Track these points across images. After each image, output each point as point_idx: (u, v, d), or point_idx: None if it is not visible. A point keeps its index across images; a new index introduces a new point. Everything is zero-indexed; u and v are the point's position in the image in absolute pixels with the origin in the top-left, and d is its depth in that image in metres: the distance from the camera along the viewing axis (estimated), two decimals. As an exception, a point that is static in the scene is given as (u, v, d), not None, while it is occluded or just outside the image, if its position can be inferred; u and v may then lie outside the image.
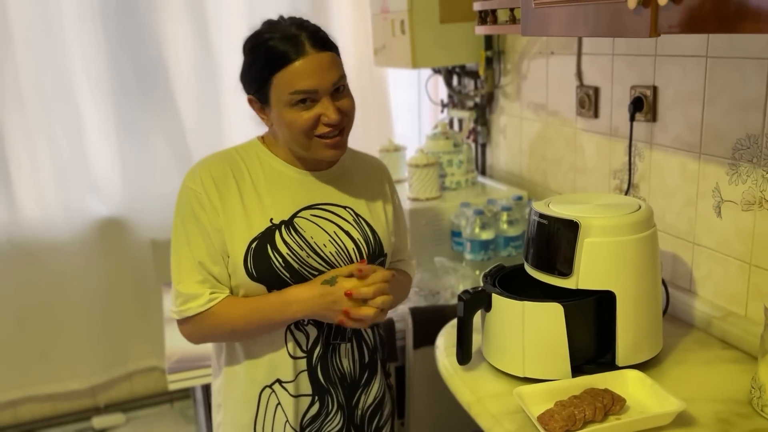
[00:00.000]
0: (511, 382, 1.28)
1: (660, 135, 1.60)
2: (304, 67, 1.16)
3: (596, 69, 1.81)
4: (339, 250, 1.27)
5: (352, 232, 1.29)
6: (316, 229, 1.26)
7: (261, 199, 1.24)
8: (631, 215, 1.27)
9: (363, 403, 1.36)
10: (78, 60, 2.52)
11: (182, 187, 1.24)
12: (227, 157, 1.27)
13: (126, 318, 2.78)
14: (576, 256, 1.25)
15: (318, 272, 1.25)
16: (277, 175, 1.27)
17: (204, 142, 2.70)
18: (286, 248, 1.23)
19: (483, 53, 2.28)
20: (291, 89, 1.16)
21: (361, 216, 1.31)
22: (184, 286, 1.22)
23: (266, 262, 1.22)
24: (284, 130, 1.21)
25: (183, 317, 1.23)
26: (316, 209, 1.27)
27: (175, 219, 1.24)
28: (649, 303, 1.30)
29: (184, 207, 1.23)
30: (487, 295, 1.31)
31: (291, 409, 1.28)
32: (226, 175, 1.24)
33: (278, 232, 1.23)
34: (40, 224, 2.59)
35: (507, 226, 1.95)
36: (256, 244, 1.22)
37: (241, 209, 1.23)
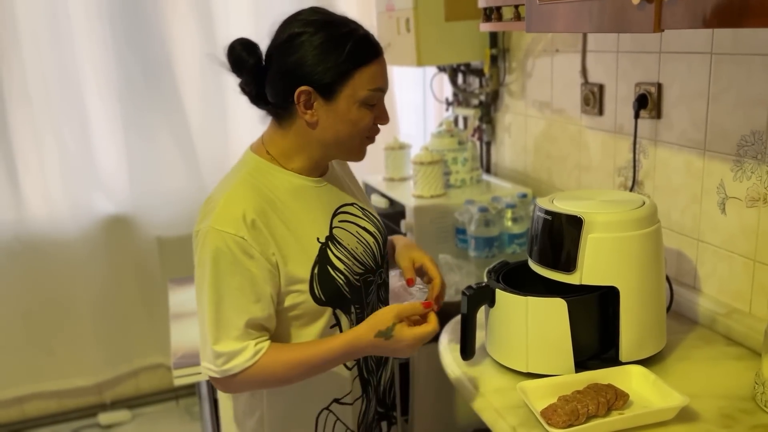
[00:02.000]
0: (514, 377, 1.28)
1: (664, 132, 1.60)
2: (382, 66, 1.16)
3: (601, 66, 1.81)
4: (365, 249, 1.26)
5: (368, 227, 1.29)
6: (347, 234, 1.23)
7: (300, 220, 1.17)
8: (635, 211, 1.27)
9: (385, 378, 1.37)
10: (85, 58, 2.54)
11: (214, 232, 1.09)
12: (251, 188, 1.15)
13: (131, 315, 2.80)
14: (580, 251, 1.25)
15: (358, 275, 1.22)
16: (299, 189, 1.20)
17: (209, 140, 2.72)
18: (341, 263, 1.20)
19: (488, 51, 2.28)
20: (373, 85, 1.14)
21: (365, 208, 1.31)
22: (224, 345, 1.11)
23: (332, 284, 1.18)
24: (343, 127, 1.15)
25: (227, 375, 1.12)
26: (339, 215, 1.25)
27: (212, 269, 1.09)
28: (652, 299, 1.30)
29: (225, 258, 1.09)
30: (491, 290, 1.31)
31: (350, 418, 1.28)
32: (263, 208, 1.13)
33: (329, 250, 1.19)
34: (47, 221, 2.61)
35: (511, 223, 1.96)
36: (317, 269, 1.16)
37: (289, 236, 1.15)
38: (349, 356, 1.17)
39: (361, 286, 1.24)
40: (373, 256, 1.27)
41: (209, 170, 2.74)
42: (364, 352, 1.17)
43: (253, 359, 1.11)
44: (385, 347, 1.14)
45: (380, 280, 1.30)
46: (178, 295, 2.16)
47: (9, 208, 2.56)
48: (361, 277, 1.23)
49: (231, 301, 1.10)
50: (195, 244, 1.14)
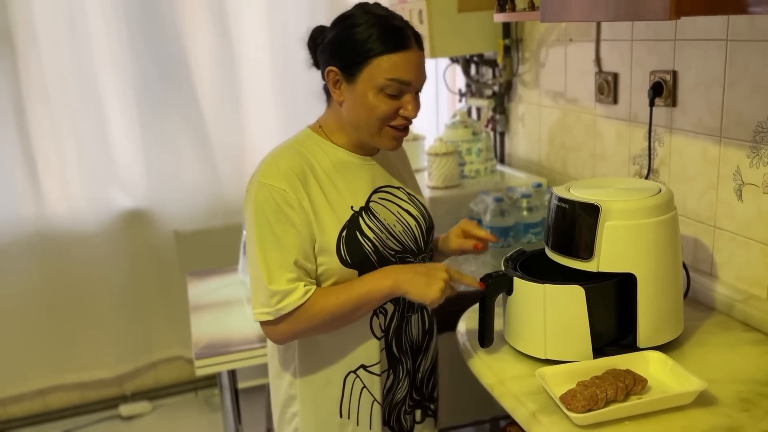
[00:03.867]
0: (532, 364, 1.30)
1: (680, 120, 1.60)
2: (408, 59, 1.19)
3: (615, 55, 1.81)
4: (405, 228, 1.33)
5: (411, 210, 1.35)
6: (385, 211, 1.31)
7: (337, 188, 1.27)
8: (652, 198, 1.28)
9: (423, 367, 1.42)
10: (102, 56, 2.57)
11: (261, 185, 1.22)
12: (294, 151, 1.27)
13: (151, 308, 2.84)
14: (597, 239, 1.26)
15: (394, 252, 1.30)
16: (344, 163, 1.29)
17: (225, 135, 2.75)
18: (372, 233, 1.27)
19: (501, 42, 2.28)
20: (390, 75, 1.19)
21: (411, 194, 1.38)
22: (277, 285, 1.20)
23: (359, 248, 1.25)
24: (360, 111, 1.22)
25: (280, 315, 1.21)
26: (381, 192, 1.32)
27: (257, 218, 1.22)
28: (669, 285, 1.31)
29: (270, 206, 1.21)
30: (509, 278, 1.32)
31: (377, 388, 1.33)
32: (303, 169, 1.24)
33: (361, 219, 1.27)
34: (66, 217, 2.65)
35: (527, 212, 1.97)
36: (346, 233, 1.25)
37: (324, 200, 1.25)
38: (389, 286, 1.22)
39: (396, 262, 1.30)
40: (414, 239, 1.34)
41: (225, 165, 2.77)
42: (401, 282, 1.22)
43: (304, 297, 1.21)
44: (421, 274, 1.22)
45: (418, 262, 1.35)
46: (196, 287, 2.19)
47: (29, 204, 2.60)
48: (397, 254, 1.30)
49: (278, 245, 1.21)
50: (245, 201, 1.26)
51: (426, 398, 1.46)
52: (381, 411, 1.35)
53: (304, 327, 1.24)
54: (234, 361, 1.74)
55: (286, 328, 1.24)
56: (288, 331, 1.25)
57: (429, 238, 1.39)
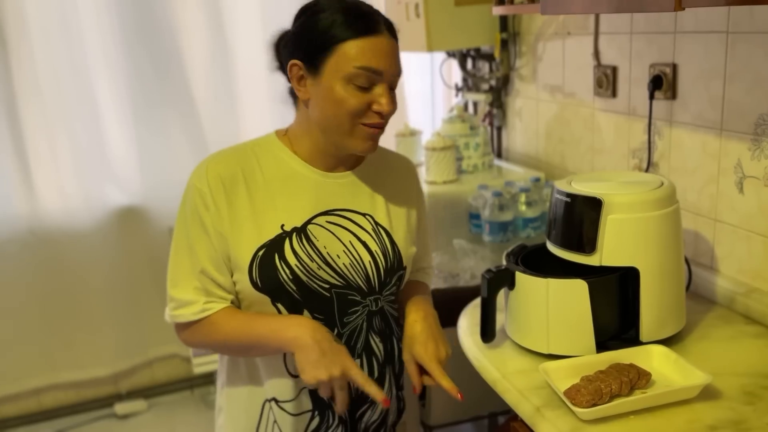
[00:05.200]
0: (535, 359, 1.29)
1: (680, 113, 1.60)
2: (377, 46, 1.07)
3: (614, 48, 1.81)
4: (353, 262, 1.16)
5: (370, 243, 1.18)
6: (330, 237, 1.15)
7: (273, 202, 1.14)
8: (654, 191, 1.27)
9: (368, 418, 1.25)
10: (94, 50, 2.54)
11: (188, 184, 1.15)
12: (239, 154, 1.16)
13: (146, 305, 2.81)
14: (599, 232, 1.26)
15: (329, 285, 1.14)
16: (294, 175, 1.16)
17: (220, 130, 2.72)
18: (295, 259, 1.12)
19: (498, 35, 2.27)
20: (358, 63, 1.05)
21: (381, 224, 1.20)
22: (178, 291, 1.13)
23: (272, 273, 1.12)
24: (328, 106, 1.09)
25: (174, 321, 1.16)
26: (332, 215, 1.17)
27: (178, 217, 1.16)
28: (672, 279, 1.30)
29: (189, 206, 1.13)
30: (511, 273, 1.31)
31: (289, 427, 1.20)
32: (235, 174, 1.13)
33: (288, 240, 1.13)
34: (60, 214, 2.62)
35: (525, 207, 1.96)
36: (263, 253, 1.12)
37: (249, 213, 1.12)
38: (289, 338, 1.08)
39: (332, 297, 1.15)
40: (366, 277, 1.17)
41: (220, 160, 2.74)
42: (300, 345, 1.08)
43: (197, 315, 1.13)
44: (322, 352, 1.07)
45: (374, 307, 1.20)
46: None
47: (22, 202, 2.57)
48: (334, 288, 1.15)
49: (189, 250, 1.12)
50: None
51: None
52: None
53: (200, 341, 1.17)
54: (232, 358, 1.72)
55: (184, 336, 1.18)
56: (187, 339, 1.19)
57: (389, 279, 1.20)
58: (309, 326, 1.10)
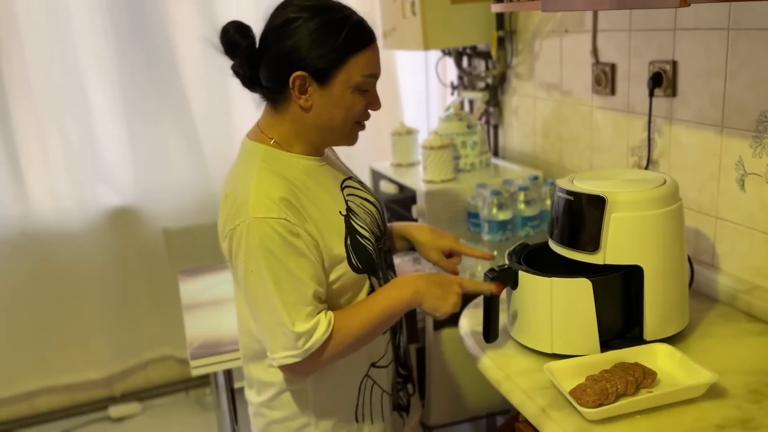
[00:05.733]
0: (539, 359, 1.28)
1: (680, 110, 1.59)
2: (376, 53, 1.20)
3: (613, 45, 1.80)
4: (372, 219, 1.32)
5: (368, 197, 1.35)
6: (355, 206, 1.29)
7: (321, 198, 1.22)
8: (658, 189, 1.27)
9: (402, 341, 1.42)
10: (86, 47, 2.51)
11: (258, 221, 1.11)
12: (273, 174, 1.18)
13: (140, 307, 2.79)
14: (603, 231, 1.25)
15: (372, 243, 1.27)
16: (311, 170, 1.24)
17: (214, 129, 2.70)
18: (365, 231, 1.26)
19: (495, 33, 2.26)
20: (367, 71, 1.18)
21: (360, 181, 1.37)
22: (300, 326, 1.14)
23: (365, 252, 1.25)
24: (336, 112, 1.19)
25: (308, 355, 1.16)
26: (345, 189, 1.30)
27: (265, 257, 1.12)
28: (676, 277, 1.30)
29: (274, 241, 1.12)
30: (514, 272, 1.30)
31: (385, 380, 1.34)
32: (292, 190, 1.17)
33: (352, 221, 1.25)
34: (52, 215, 2.59)
35: (524, 206, 1.95)
36: (350, 240, 1.23)
37: (319, 214, 1.20)
38: (409, 296, 1.22)
39: (374, 250, 1.29)
40: (377, 224, 1.34)
41: (214, 159, 2.72)
42: (420, 294, 1.22)
43: (329, 330, 1.16)
44: (437, 286, 1.22)
45: (386, 247, 1.38)
46: (188, 286, 2.14)
47: (13, 203, 2.54)
48: (375, 244, 1.29)
49: (293, 281, 1.14)
50: (237, 241, 1.14)
51: (410, 370, 1.48)
52: (390, 400, 1.37)
53: (329, 356, 1.19)
54: (230, 360, 1.70)
55: (312, 365, 1.19)
56: (314, 366, 1.20)
57: (385, 217, 1.40)
58: (411, 279, 1.24)
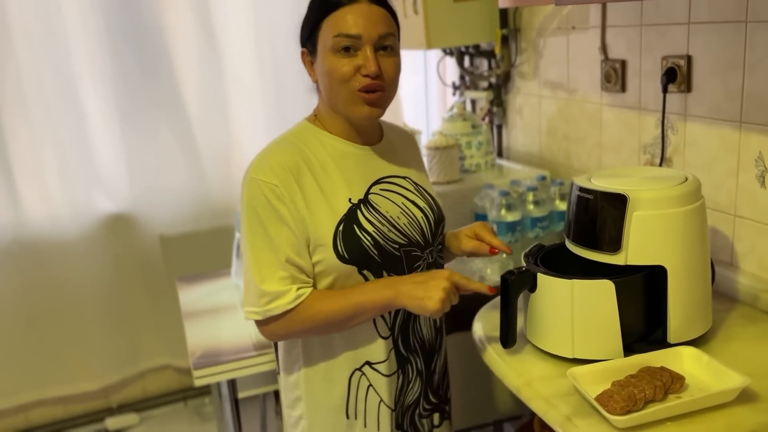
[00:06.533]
0: (560, 364, 1.23)
1: (695, 106, 1.55)
2: (352, 12, 1.15)
3: (622, 41, 1.76)
4: (410, 221, 1.26)
5: (418, 201, 1.29)
6: (387, 203, 1.25)
7: (334, 181, 1.21)
8: (680, 186, 1.22)
9: (439, 367, 1.37)
10: (79, 53, 2.45)
11: (252, 181, 1.18)
12: (289, 145, 1.22)
13: (137, 316, 2.72)
14: (625, 230, 1.20)
15: (398, 245, 1.23)
16: (342, 154, 1.24)
17: (211, 133, 2.64)
18: (371, 226, 1.21)
19: (498, 32, 2.22)
20: (336, 32, 1.15)
21: (418, 183, 1.32)
22: (268, 285, 1.17)
23: (356, 242, 1.19)
24: (325, 79, 1.18)
25: (268, 316, 1.18)
26: (383, 183, 1.26)
27: (248, 215, 1.18)
28: (699, 277, 1.25)
29: (260, 202, 1.17)
30: (532, 275, 1.26)
31: (385, 389, 1.28)
32: (297, 162, 1.19)
33: (359, 211, 1.21)
34: (45, 222, 2.52)
35: (533, 206, 1.90)
36: (342, 227, 1.19)
37: (319, 194, 1.19)
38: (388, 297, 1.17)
39: (401, 256, 1.24)
40: (422, 231, 1.27)
41: (211, 164, 2.67)
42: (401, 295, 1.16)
43: (294, 302, 1.16)
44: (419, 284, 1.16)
45: (431, 259, 1.30)
46: (187, 293, 2.09)
47: (6, 210, 2.47)
48: (402, 248, 1.24)
49: (269, 242, 1.16)
50: (240, 198, 1.22)
51: (442, 400, 1.41)
52: (390, 414, 1.29)
53: (297, 329, 1.21)
54: (234, 370, 1.65)
55: (277, 329, 1.21)
56: (279, 331, 1.22)
57: (438, 230, 1.32)
58: (395, 280, 1.19)
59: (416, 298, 1.15)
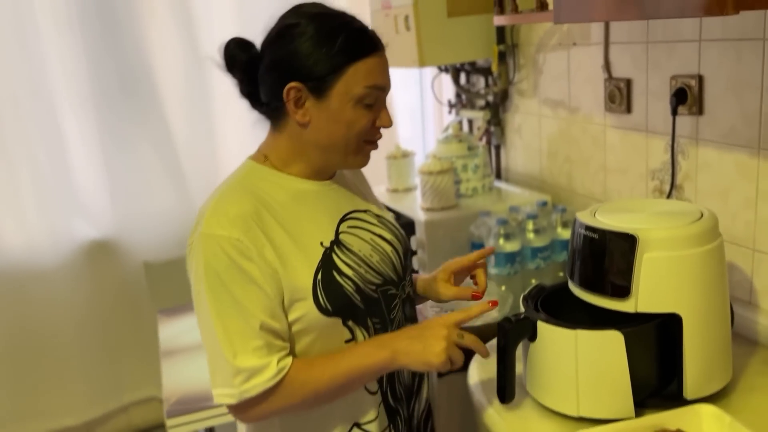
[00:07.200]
0: (564, 423, 1.11)
1: (707, 129, 1.43)
2: (382, 63, 1.07)
3: (627, 59, 1.64)
4: (382, 257, 1.14)
5: (384, 234, 1.18)
6: (357, 240, 1.13)
7: (301, 224, 1.08)
8: (695, 224, 1.10)
9: (418, 411, 1.23)
10: (57, 72, 2.35)
11: (207, 238, 1.00)
12: (243, 189, 1.07)
13: (120, 347, 2.60)
14: (634, 274, 1.08)
15: (375, 286, 1.11)
16: (301, 193, 1.11)
17: (196, 154, 2.54)
18: (350, 270, 1.09)
19: (495, 48, 2.11)
20: (369, 82, 1.04)
21: (380, 215, 1.21)
22: (243, 359, 0.99)
23: (338, 291, 1.06)
24: (337, 128, 1.06)
25: (245, 399, 1.00)
26: (348, 220, 1.14)
27: (208, 280, 1.00)
28: (718, 324, 1.13)
29: (221, 261, 0.99)
30: (532, 323, 1.13)
31: None
32: (256, 208, 1.04)
33: (334, 255, 1.09)
34: (23, 250, 2.41)
35: (533, 235, 1.78)
36: (321, 275, 1.06)
37: (289, 241, 1.05)
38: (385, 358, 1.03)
39: (379, 298, 1.12)
40: (393, 266, 1.16)
41: (197, 187, 2.56)
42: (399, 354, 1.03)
43: (276, 378, 1.00)
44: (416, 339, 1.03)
45: (404, 294, 1.19)
46: (168, 328, 1.97)
47: (-20, 239, 2.36)
48: (379, 288, 1.12)
49: (238, 308, 1.00)
50: (189, 259, 1.05)
51: None
52: None
53: (279, 407, 1.04)
54: (213, 417, 1.53)
55: (255, 412, 1.03)
56: (258, 413, 1.04)
57: (407, 262, 1.22)
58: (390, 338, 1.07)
59: (416, 353, 1.02)
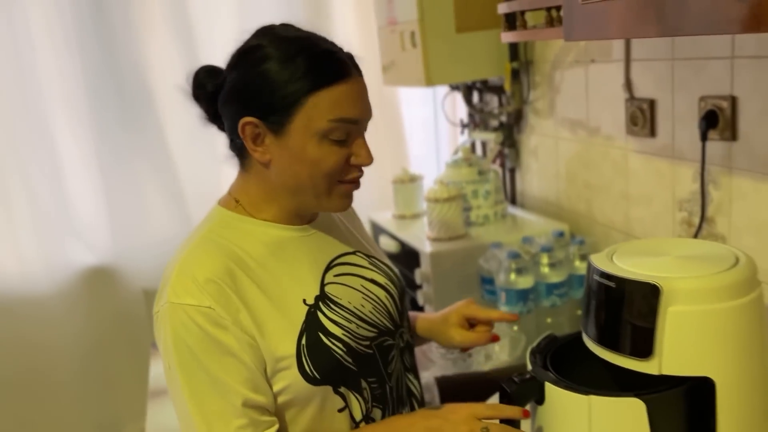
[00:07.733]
0: (576, 503, 0.96)
1: (742, 157, 1.28)
2: (350, 92, 0.93)
3: (650, 78, 1.49)
4: (375, 306, 1.04)
5: (377, 278, 1.07)
6: (346, 290, 1.02)
7: (279, 281, 0.96)
8: (730, 272, 0.95)
9: None
10: (53, 93, 2.27)
11: (174, 308, 0.89)
12: (212, 245, 0.95)
13: (118, 378, 2.51)
14: (657, 331, 0.93)
15: (369, 341, 1.01)
16: (279, 242, 0.99)
17: (198, 179, 2.44)
18: (339, 329, 0.97)
19: (508, 65, 1.97)
20: (333, 115, 0.91)
21: (371, 255, 1.11)
22: None
23: (326, 355, 0.95)
24: (300, 168, 0.94)
25: None
26: (335, 267, 1.03)
27: (178, 355, 0.89)
28: (757, 390, 0.97)
29: (192, 334, 0.88)
30: (539, 384, 0.99)
31: None
32: (228, 267, 0.92)
33: (320, 313, 0.97)
34: (17, 278, 2.33)
35: (548, 270, 1.63)
36: (306, 339, 0.94)
37: (266, 303, 0.93)
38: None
39: (374, 352, 1.02)
40: (389, 314, 1.06)
41: (199, 212, 2.44)
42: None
43: None
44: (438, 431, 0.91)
45: (402, 343, 1.09)
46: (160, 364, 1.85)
47: (-27, 266, 2.28)
48: (374, 342, 1.02)
49: (215, 385, 0.88)
50: (156, 330, 0.94)
51: None
52: None
53: None
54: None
55: None
56: None
57: (403, 306, 1.12)
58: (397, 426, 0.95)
59: None
